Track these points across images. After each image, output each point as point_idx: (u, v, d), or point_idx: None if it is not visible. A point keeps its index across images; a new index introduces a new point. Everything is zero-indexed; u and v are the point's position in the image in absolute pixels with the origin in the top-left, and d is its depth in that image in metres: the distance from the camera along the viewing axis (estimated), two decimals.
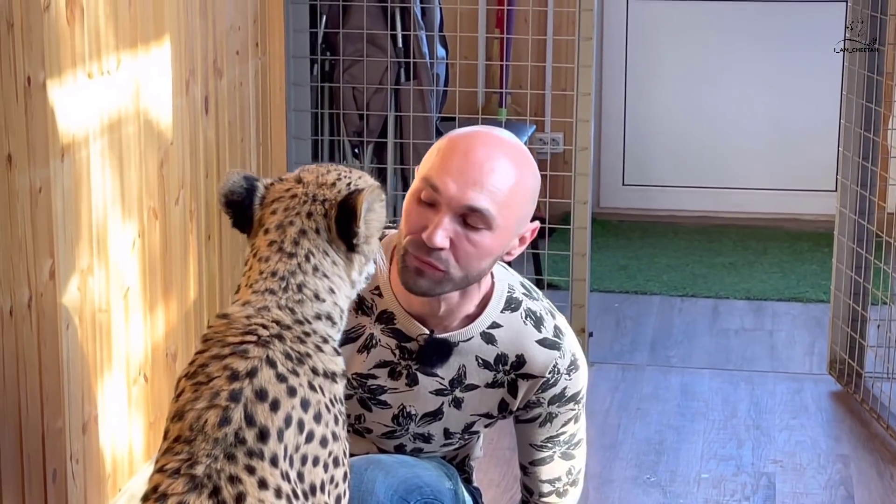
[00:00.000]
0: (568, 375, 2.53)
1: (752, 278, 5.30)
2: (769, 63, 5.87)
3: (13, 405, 2.82)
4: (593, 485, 3.63)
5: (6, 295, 2.76)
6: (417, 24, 4.47)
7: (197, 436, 1.98)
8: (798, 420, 4.04)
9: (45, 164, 2.89)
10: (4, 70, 2.70)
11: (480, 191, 2.31)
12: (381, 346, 2.49)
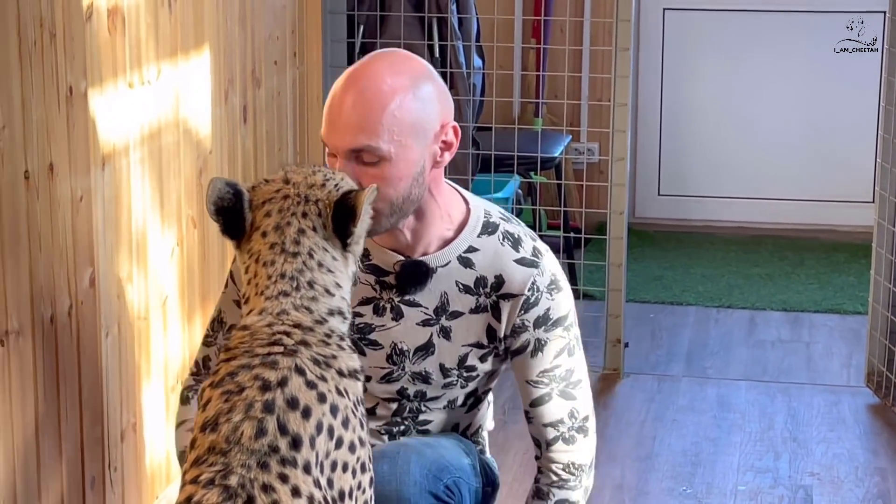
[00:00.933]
0: (549, 295, 2.53)
1: (789, 289, 5.28)
2: (806, 73, 5.86)
3: (53, 413, 2.84)
4: (629, 496, 3.63)
5: (47, 303, 2.78)
6: (454, 35, 4.48)
7: (233, 447, 2.00)
8: (835, 432, 4.03)
9: (87, 173, 2.91)
10: (47, 79, 2.72)
11: (354, 133, 2.36)
12: (361, 283, 2.50)
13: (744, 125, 5.95)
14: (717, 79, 5.93)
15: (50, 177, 2.76)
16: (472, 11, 4.58)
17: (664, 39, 5.93)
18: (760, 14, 5.87)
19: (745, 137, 5.96)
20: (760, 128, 5.94)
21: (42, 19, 2.69)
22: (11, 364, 2.67)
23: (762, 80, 5.90)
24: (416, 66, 2.45)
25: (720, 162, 5.99)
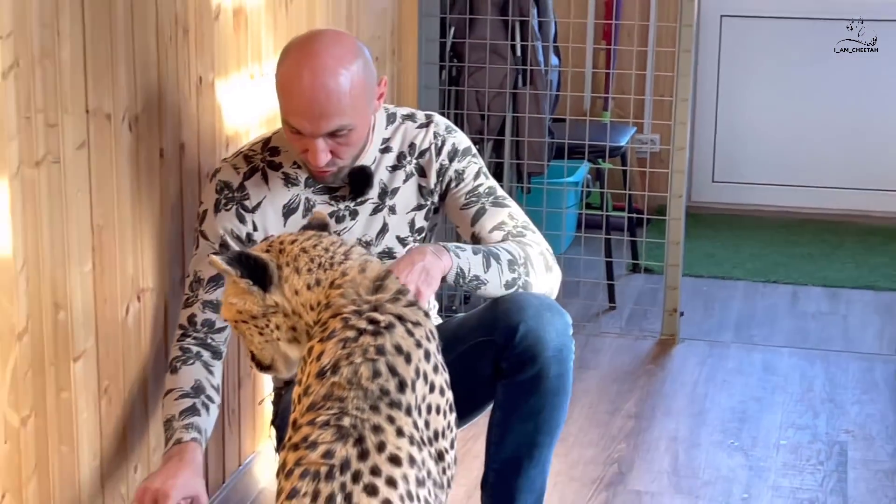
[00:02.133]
0: (449, 134, 2.72)
1: (829, 268, 5.24)
2: (847, 74, 5.80)
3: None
4: (682, 447, 3.63)
5: (176, 266, 2.83)
6: (534, 36, 4.48)
7: (353, 388, 2.02)
8: (868, 395, 4.00)
9: (212, 152, 2.95)
10: (181, 70, 2.76)
11: (327, 117, 2.47)
12: (318, 205, 2.65)
13: (790, 120, 5.92)
14: (766, 78, 5.90)
15: (181, 155, 2.80)
16: (550, 15, 4.58)
17: (721, 42, 5.90)
18: (807, 21, 5.82)
19: (790, 131, 5.93)
20: (805, 122, 5.90)
21: (177, 18, 2.73)
22: (146, 320, 2.72)
23: (807, 79, 5.86)
24: (349, 42, 2.57)
25: (768, 152, 5.96)
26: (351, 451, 1.95)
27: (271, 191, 2.63)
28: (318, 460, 1.94)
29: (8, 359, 2.23)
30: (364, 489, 1.92)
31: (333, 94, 2.45)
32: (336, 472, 1.92)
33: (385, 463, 1.95)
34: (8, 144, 2.18)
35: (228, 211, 2.62)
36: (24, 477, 2.31)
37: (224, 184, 2.63)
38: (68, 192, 2.37)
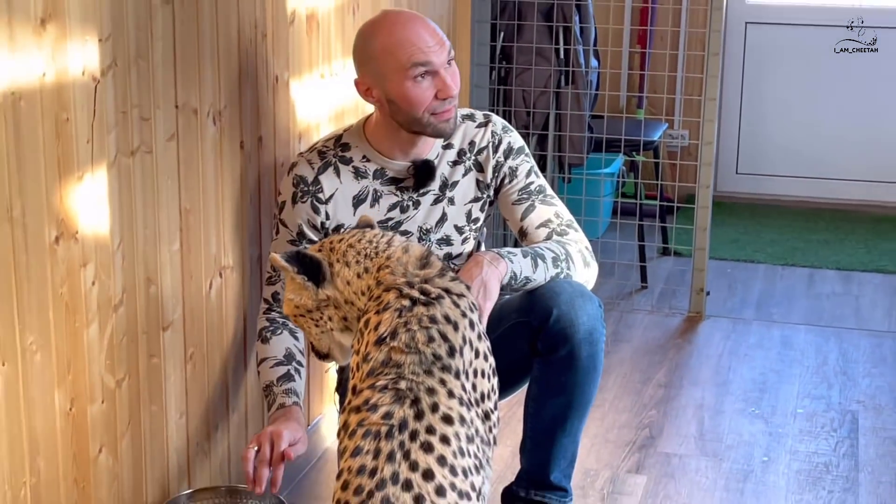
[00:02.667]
0: (505, 133, 2.71)
1: (842, 252, 5.20)
2: (861, 76, 5.76)
3: (252, 329, 2.89)
4: (708, 414, 3.62)
5: (254, 246, 2.84)
6: (576, 40, 4.47)
7: (410, 353, 2.02)
8: (878, 369, 3.97)
9: (287, 145, 2.96)
10: (259, 70, 2.77)
11: (444, 42, 2.54)
12: (385, 195, 2.65)
13: (807, 117, 5.88)
14: (786, 79, 5.86)
15: (259, 147, 2.82)
16: (590, 21, 4.56)
17: (745, 46, 5.87)
18: (822, 27, 5.77)
19: (808, 127, 5.89)
20: (820, 119, 5.86)
21: (256, 23, 2.74)
22: (227, 294, 2.74)
23: (825, 80, 5.82)
24: None
25: (788, 147, 5.93)
26: (408, 412, 1.95)
27: (343, 183, 2.63)
28: (379, 421, 1.95)
29: (106, 328, 2.26)
30: (420, 446, 1.93)
31: (433, 27, 2.54)
32: (395, 431, 1.93)
33: (439, 422, 1.96)
34: (107, 136, 2.20)
35: (304, 203, 2.63)
36: (119, 433, 2.34)
37: (300, 178, 2.63)
38: (159, 179, 2.40)
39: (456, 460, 1.94)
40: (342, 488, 1.91)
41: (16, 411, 2.02)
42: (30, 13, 1.96)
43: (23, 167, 1.97)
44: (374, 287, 2.15)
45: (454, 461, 1.93)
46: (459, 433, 1.97)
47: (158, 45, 2.34)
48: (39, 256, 2.04)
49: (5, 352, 1.97)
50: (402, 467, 1.90)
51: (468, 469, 1.96)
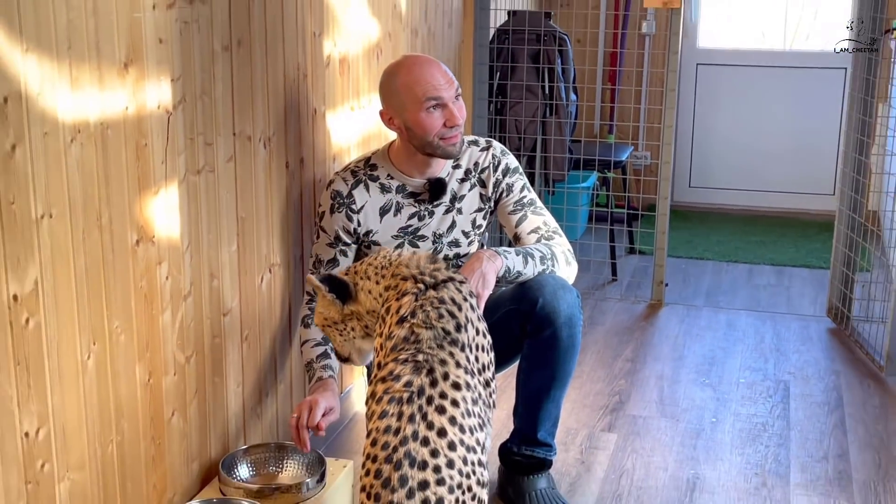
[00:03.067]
0: (503, 156, 2.71)
1: (776, 251, 5.19)
2: (791, 106, 5.75)
3: (295, 320, 2.88)
4: (667, 384, 3.61)
5: (296, 247, 2.84)
6: (559, 78, 4.46)
7: (427, 328, 2.03)
8: (805, 346, 3.96)
9: (324, 165, 2.96)
10: (301, 104, 2.77)
11: (453, 81, 2.55)
12: (405, 206, 2.65)
13: (747, 140, 5.87)
14: (730, 110, 5.85)
15: (301, 166, 2.82)
16: (570, 63, 4.55)
17: (696, 83, 5.86)
18: (759, 67, 5.77)
19: (748, 149, 5.88)
20: (758, 142, 5.85)
21: (299, 65, 2.74)
22: (276, 286, 2.74)
23: (762, 110, 5.82)
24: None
25: (731, 165, 5.92)
26: (424, 380, 1.95)
27: (371, 197, 2.63)
28: (401, 388, 1.95)
29: (177, 314, 2.26)
30: (435, 409, 1.93)
31: (442, 66, 2.55)
32: (415, 396, 1.93)
33: (449, 388, 1.96)
34: (177, 158, 2.20)
35: (340, 213, 2.63)
36: (187, 399, 2.34)
37: (336, 192, 2.63)
38: (220, 193, 2.39)
39: (464, 420, 1.94)
40: (371, 445, 1.91)
41: (104, 382, 2.02)
42: (115, 59, 1.96)
43: (110, 183, 1.98)
44: (392, 283, 2.16)
45: (462, 421, 1.93)
46: (466, 397, 1.97)
47: (219, 84, 2.34)
48: (123, 256, 2.04)
49: (96, 334, 1.98)
50: (420, 426, 1.90)
51: (474, 427, 1.96)
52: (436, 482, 1.85)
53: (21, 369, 1.77)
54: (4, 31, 1.66)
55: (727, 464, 3.04)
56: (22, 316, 1.76)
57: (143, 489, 2.18)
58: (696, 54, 5.85)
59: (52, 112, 1.79)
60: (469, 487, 1.90)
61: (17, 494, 1.79)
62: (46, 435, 1.85)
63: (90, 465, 1.99)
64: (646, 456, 3.08)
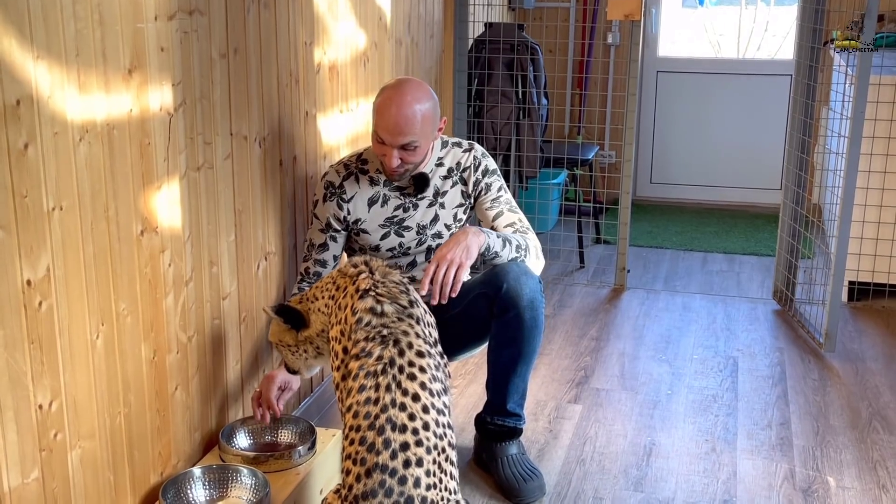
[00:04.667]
0: (484, 158, 2.69)
1: (727, 240, 5.20)
2: (741, 110, 5.76)
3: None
4: (628, 360, 3.63)
5: (289, 237, 2.83)
6: (531, 84, 4.46)
7: (388, 301, 2.06)
8: (753, 326, 3.98)
9: (314, 162, 2.95)
10: (293, 107, 2.76)
11: (403, 134, 2.47)
12: (392, 198, 2.64)
13: (702, 141, 5.87)
14: (686, 113, 5.85)
15: (294, 164, 2.81)
16: (541, 70, 4.55)
17: (657, 89, 5.86)
18: (713, 75, 5.77)
19: (703, 148, 5.88)
20: (713, 142, 5.85)
21: (291, 71, 2.73)
22: (271, 272, 2.73)
23: (714, 113, 5.81)
24: (426, 89, 2.54)
25: (688, 163, 5.92)
26: (393, 351, 1.96)
27: (360, 188, 2.63)
28: (374, 362, 1.96)
29: (179, 298, 2.26)
30: (407, 377, 1.94)
31: (409, 121, 2.46)
32: (387, 367, 1.94)
33: (415, 357, 1.97)
34: (178, 156, 2.20)
35: (332, 202, 2.63)
36: (189, 375, 2.34)
37: (329, 182, 2.64)
38: (219, 187, 2.39)
39: (431, 385, 1.95)
40: (353, 417, 1.92)
41: (112, 359, 2.02)
42: (120, 65, 1.95)
43: (116, 179, 1.97)
44: (341, 283, 2.19)
45: (431, 385, 1.95)
46: (430, 364, 1.98)
47: (217, 88, 2.33)
48: (129, 245, 2.04)
49: (104, 315, 1.97)
50: (396, 394, 1.91)
51: (440, 392, 1.97)
52: (415, 443, 1.86)
53: (35, 348, 1.77)
54: (17, 40, 1.66)
55: (681, 431, 3.06)
56: (35, 299, 1.76)
57: (148, 456, 2.18)
58: (656, 62, 5.85)
59: (62, 114, 1.79)
60: (443, 449, 1.91)
61: (33, 461, 1.79)
62: (59, 407, 1.85)
63: (100, 434, 1.99)
64: (607, 425, 3.09)
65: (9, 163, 1.66)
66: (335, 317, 2.14)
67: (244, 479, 2.24)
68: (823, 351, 3.67)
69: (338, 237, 2.65)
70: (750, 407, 3.22)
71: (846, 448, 2.94)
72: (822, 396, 3.30)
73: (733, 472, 2.80)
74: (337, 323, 2.11)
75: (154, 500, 2.19)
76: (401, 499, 1.82)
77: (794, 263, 4.13)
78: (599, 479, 2.75)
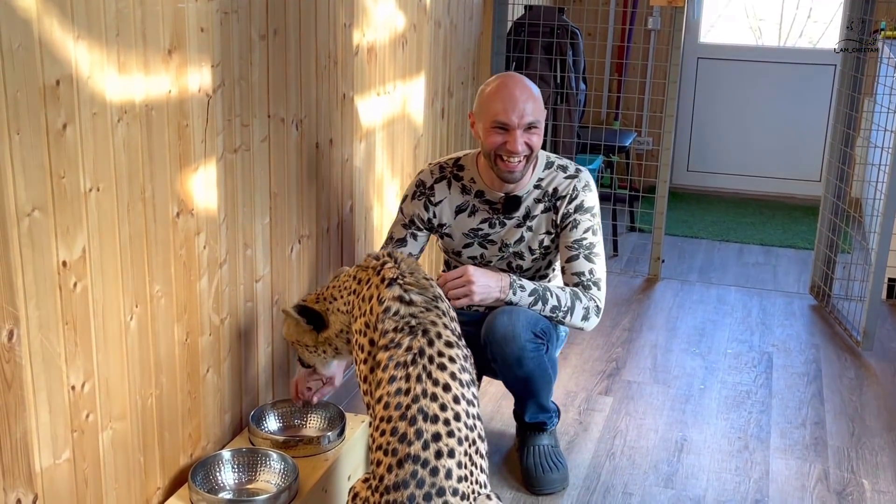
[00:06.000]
0: (583, 192, 2.56)
1: (764, 232, 5.14)
2: (781, 99, 5.68)
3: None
4: (661, 352, 3.59)
5: (325, 220, 2.83)
6: (569, 69, 4.41)
7: (417, 290, 2.04)
8: (789, 321, 3.93)
9: (351, 145, 2.94)
10: (331, 89, 2.75)
11: (527, 113, 2.41)
12: (480, 210, 2.59)
13: (741, 129, 5.80)
14: (726, 101, 5.78)
15: (330, 147, 2.80)
16: (581, 55, 4.50)
17: (697, 76, 5.79)
18: (754, 62, 5.69)
19: (742, 137, 5.81)
20: (752, 131, 5.78)
21: (329, 53, 2.71)
22: (304, 256, 2.73)
23: (754, 102, 5.74)
24: (532, 82, 2.50)
25: (727, 151, 5.85)
26: (422, 341, 1.95)
27: (451, 194, 2.60)
28: (403, 353, 1.94)
29: (213, 280, 2.25)
30: (437, 367, 1.92)
31: (531, 98, 2.43)
32: (417, 357, 1.93)
33: (444, 346, 1.95)
34: (216, 138, 2.19)
35: (419, 200, 2.61)
36: (221, 357, 2.34)
37: (421, 181, 2.62)
38: (255, 170, 2.38)
39: (461, 375, 1.93)
40: (384, 408, 1.90)
41: (146, 341, 2.02)
42: (160, 46, 1.94)
43: (154, 160, 1.96)
44: (363, 276, 2.15)
45: (460, 376, 1.93)
46: (458, 354, 1.97)
47: (255, 70, 2.31)
48: (165, 227, 2.03)
49: (139, 297, 1.97)
50: (427, 384, 1.89)
51: (469, 382, 1.95)
52: (447, 434, 1.85)
53: (69, 329, 1.77)
54: (58, 20, 1.64)
55: (713, 427, 3.02)
56: (70, 280, 1.75)
57: (179, 438, 2.19)
58: (697, 49, 5.77)
59: (101, 94, 1.77)
60: (473, 441, 1.89)
61: (64, 441, 1.79)
62: (91, 388, 1.85)
63: (131, 415, 2.00)
64: (638, 418, 3.06)
65: (47, 143, 1.65)
66: (358, 310, 2.11)
67: (273, 463, 2.24)
68: (861, 349, 3.62)
69: (418, 235, 2.63)
70: (784, 405, 3.18)
71: (882, 450, 2.90)
72: (858, 396, 3.25)
73: (766, 471, 2.77)
74: (361, 315, 2.09)
75: (183, 481, 2.19)
76: (432, 490, 1.80)
77: (833, 258, 4.07)
78: (629, 474, 2.73)
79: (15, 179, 1.59)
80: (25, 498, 1.71)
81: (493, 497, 1.91)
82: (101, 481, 1.92)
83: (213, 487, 2.18)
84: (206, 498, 2.07)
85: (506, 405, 3.03)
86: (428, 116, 3.62)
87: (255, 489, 2.20)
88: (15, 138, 1.57)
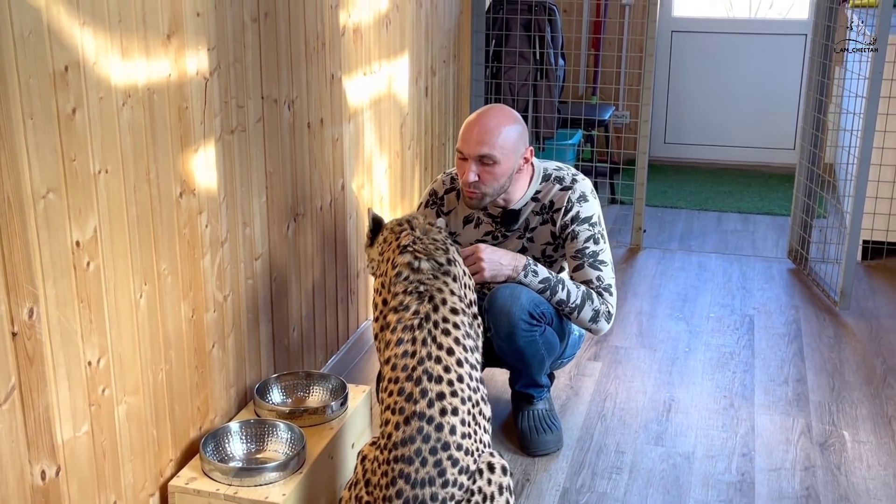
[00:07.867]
0: (579, 204, 2.59)
1: (742, 200, 5.22)
2: (755, 70, 5.76)
3: (320, 261, 2.93)
4: (645, 318, 3.67)
5: (318, 198, 2.88)
6: (548, 45, 4.47)
7: (427, 256, 2.12)
8: (768, 284, 4.02)
9: (340, 124, 2.98)
10: (320, 70, 2.79)
11: (481, 144, 2.45)
12: (484, 223, 2.67)
13: (717, 101, 5.87)
14: (701, 73, 5.85)
15: (321, 126, 2.84)
16: (559, 31, 4.56)
17: (671, 49, 5.85)
18: (727, 34, 5.76)
19: (717, 108, 5.88)
20: (727, 102, 5.85)
21: (318, 35, 2.75)
22: (298, 234, 2.78)
23: (728, 73, 5.81)
24: (513, 114, 2.52)
25: (702, 123, 5.92)
26: (428, 307, 2.02)
27: (459, 206, 2.69)
28: (411, 316, 2.01)
29: (216, 258, 2.31)
30: (442, 332, 1.99)
31: (489, 132, 2.46)
32: (423, 322, 2.00)
33: (449, 313, 2.02)
34: (214, 119, 2.23)
35: (432, 209, 2.73)
36: (225, 333, 2.40)
37: (434, 191, 2.73)
38: (251, 150, 2.43)
39: (465, 341, 2.01)
40: (391, 369, 1.98)
41: (154, 318, 2.08)
42: (159, 30, 1.98)
43: (156, 142, 2.01)
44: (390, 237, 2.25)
45: (464, 341, 2.00)
46: (463, 321, 2.04)
47: (249, 52, 2.36)
48: (168, 207, 2.08)
49: (147, 276, 2.03)
50: (432, 348, 1.97)
51: (473, 348, 2.03)
52: (450, 394, 1.92)
53: (84, 307, 1.82)
54: (65, 7, 1.69)
55: (699, 388, 3.11)
56: (84, 260, 1.81)
57: (188, 411, 2.25)
58: (671, 22, 5.84)
59: (107, 79, 1.82)
60: (476, 402, 1.97)
61: (83, 415, 1.85)
62: (106, 364, 1.91)
63: (143, 390, 2.06)
64: (627, 381, 3.15)
65: (58, 127, 1.70)
66: (379, 269, 2.20)
67: (281, 433, 2.31)
68: (838, 309, 3.72)
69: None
70: (766, 364, 3.28)
71: (861, 403, 3.00)
72: (837, 353, 3.35)
73: (751, 426, 2.86)
74: (381, 275, 2.18)
75: (193, 453, 2.26)
76: (438, 444, 1.88)
77: (809, 222, 4.16)
78: (621, 434, 2.81)
79: (30, 163, 1.64)
80: (49, 470, 1.77)
81: (496, 454, 1.99)
82: (118, 453, 1.98)
83: (224, 458, 2.25)
84: (217, 467, 2.14)
85: (500, 371, 3.11)
86: (413, 95, 3.67)
87: (264, 458, 2.27)
88: (29, 123, 1.62)
